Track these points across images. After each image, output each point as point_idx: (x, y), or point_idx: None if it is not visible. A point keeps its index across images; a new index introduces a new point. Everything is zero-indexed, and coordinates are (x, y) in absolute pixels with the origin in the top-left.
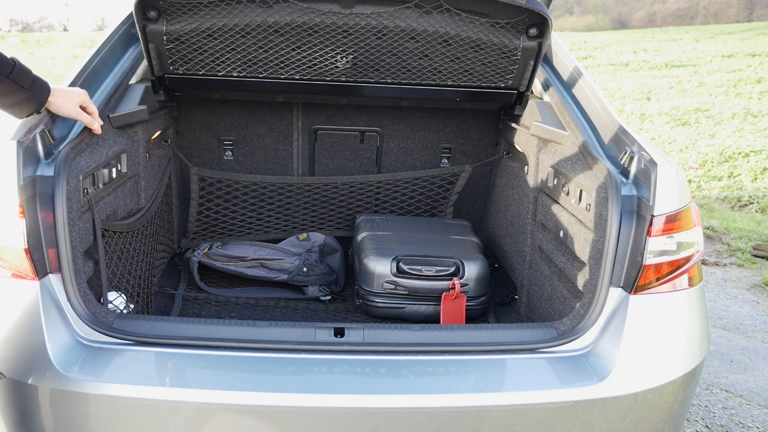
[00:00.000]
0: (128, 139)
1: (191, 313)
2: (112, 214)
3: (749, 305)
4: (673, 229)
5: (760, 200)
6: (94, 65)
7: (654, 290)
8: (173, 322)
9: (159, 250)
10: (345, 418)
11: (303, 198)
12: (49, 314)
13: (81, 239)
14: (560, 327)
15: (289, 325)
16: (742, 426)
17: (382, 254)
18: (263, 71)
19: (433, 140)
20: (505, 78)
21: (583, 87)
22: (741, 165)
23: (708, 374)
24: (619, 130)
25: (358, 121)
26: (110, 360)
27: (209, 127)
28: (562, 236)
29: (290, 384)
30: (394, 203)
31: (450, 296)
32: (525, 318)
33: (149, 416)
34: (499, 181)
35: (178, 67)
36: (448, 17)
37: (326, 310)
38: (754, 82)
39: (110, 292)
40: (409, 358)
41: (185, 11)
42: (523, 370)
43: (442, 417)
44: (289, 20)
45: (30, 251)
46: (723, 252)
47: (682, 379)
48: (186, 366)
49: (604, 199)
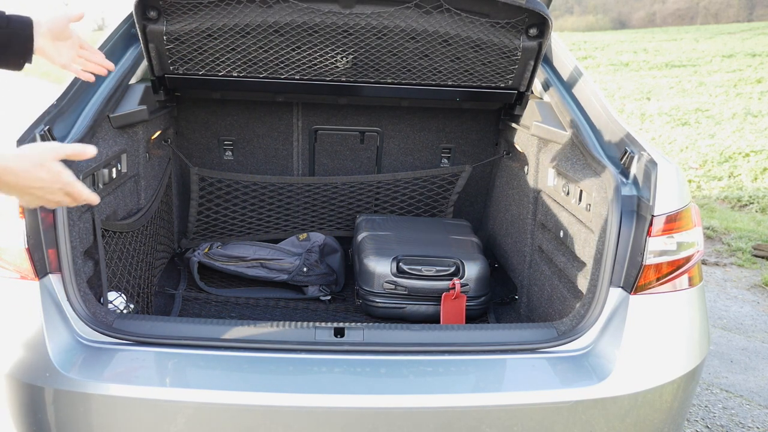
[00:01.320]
0: (128, 139)
1: (191, 313)
2: (112, 214)
3: (749, 305)
4: (674, 229)
5: (760, 200)
6: None
7: (654, 290)
8: (173, 322)
9: (159, 250)
10: (345, 418)
11: (303, 198)
12: (49, 314)
13: (81, 239)
14: (560, 327)
15: (289, 325)
16: (742, 426)
17: (382, 254)
18: (263, 71)
19: (433, 140)
20: (505, 78)
21: (583, 87)
22: (741, 165)
23: (708, 374)
24: (619, 130)
25: (358, 121)
26: (110, 360)
27: (209, 127)
28: (562, 236)
29: (290, 384)
30: (394, 203)
31: (450, 296)
32: (525, 318)
33: (149, 416)
34: (499, 181)
35: (178, 67)
36: (448, 17)
37: (326, 310)
38: (754, 82)
39: (110, 292)
40: (409, 358)
41: (185, 11)
42: (523, 370)
43: (442, 417)
44: (289, 20)
45: (30, 251)
46: (723, 252)
47: (682, 379)
48: (186, 366)
49: (604, 199)
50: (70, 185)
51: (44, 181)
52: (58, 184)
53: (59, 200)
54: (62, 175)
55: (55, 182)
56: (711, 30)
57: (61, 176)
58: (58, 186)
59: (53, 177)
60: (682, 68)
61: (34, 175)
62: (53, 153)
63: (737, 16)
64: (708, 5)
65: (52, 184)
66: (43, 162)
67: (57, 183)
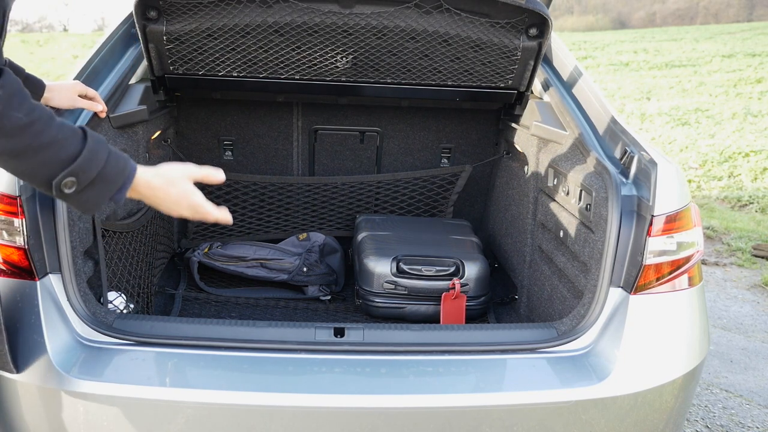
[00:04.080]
0: (128, 139)
1: (191, 313)
2: (112, 214)
3: (749, 305)
4: (673, 229)
5: (760, 200)
6: (94, 65)
7: (654, 290)
8: (173, 322)
9: (159, 250)
10: (345, 418)
11: (303, 198)
12: (49, 314)
13: (81, 239)
14: (560, 327)
15: (289, 325)
16: (742, 426)
17: (382, 254)
18: (263, 71)
19: (433, 140)
20: (505, 78)
21: (583, 87)
22: (741, 165)
23: (708, 374)
24: (619, 130)
25: (358, 121)
26: (110, 360)
27: (209, 127)
28: (562, 236)
29: (290, 384)
30: (394, 203)
31: (450, 296)
32: (525, 318)
33: (149, 416)
34: (499, 181)
35: (178, 67)
36: (448, 17)
37: (326, 310)
38: (754, 82)
39: (110, 292)
40: (409, 358)
41: (185, 11)
42: (523, 370)
43: (442, 417)
44: (289, 20)
45: (30, 251)
46: (723, 252)
47: (682, 379)
48: (186, 366)
49: (604, 199)
50: (199, 206)
51: (174, 197)
52: (186, 202)
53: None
54: (192, 196)
55: (183, 200)
56: (711, 30)
57: (189, 196)
58: (186, 203)
59: (183, 195)
60: (682, 68)
61: (166, 192)
62: (187, 174)
63: (737, 16)
64: (708, 5)
65: (180, 201)
66: (176, 182)
67: (185, 200)
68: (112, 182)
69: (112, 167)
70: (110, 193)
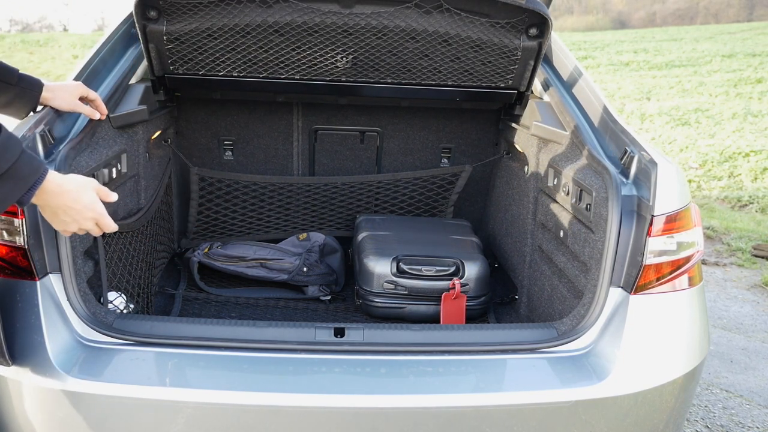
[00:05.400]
0: (128, 139)
1: (191, 313)
2: (112, 214)
3: (749, 305)
4: (674, 229)
5: (760, 200)
6: (94, 65)
7: (654, 290)
8: (173, 322)
9: (159, 250)
10: (345, 418)
11: (303, 198)
12: (49, 314)
13: (81, 239)
14: (560, 327)
15: (289, 325)
16: (742, 426)
17: (382, 254)
18: (263, 71)
19: (433, 140)
20: (505, 78)
21: (583, 87)
22: (741, 165)
23: (708, 374)
24: (619, 130)
25: (358, 121)
26: (110, 360)
27: (209, 127)
28: (562, 236)
29: (290, 384)
30: (394, 203)
31: (450, 296)
32: (525, 318)
33: (149, 416)
34: (499, 181)
35: (178, 67)
36: (448, 17)
37: (326, 310)
38: (754, 82)
39: (110, 292)
40: (409, 358)
41: (185, 11)
42: (523, 370)
43: (442, 417)
44: (289, 20)
45: (30, 251)
46: (723, 252)
47: (682, 379)
48: (186, 366)
49: (604, 199)
50: (103, 216)
51: (83, 204)
52: (91, 212)
53: (89, 227)
54: (97, 205)
55: (90, 209)
56: (711, 30)
57: (96, 205)
58: (91, 214)
59: (91, 203)
60: (682, 68)
61: (76, 197)
62: (93, 185)
63: (737, 16)
64: (708, 5)
65: (87, 209)
66: (87, 189)
67: (91, 211)
68: (22, 179)
69: (25, 164)
70: (21, 191)
